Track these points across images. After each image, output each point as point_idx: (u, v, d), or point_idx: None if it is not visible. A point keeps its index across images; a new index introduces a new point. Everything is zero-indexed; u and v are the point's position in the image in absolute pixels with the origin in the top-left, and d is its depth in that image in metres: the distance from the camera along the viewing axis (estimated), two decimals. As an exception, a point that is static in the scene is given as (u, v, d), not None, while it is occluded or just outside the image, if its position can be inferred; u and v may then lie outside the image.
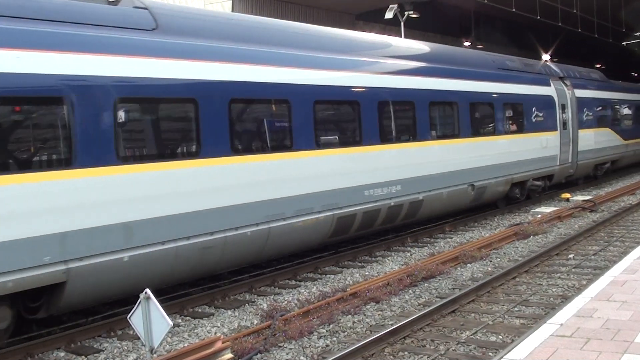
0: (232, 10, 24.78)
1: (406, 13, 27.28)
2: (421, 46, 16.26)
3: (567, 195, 20.46)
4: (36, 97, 7.66)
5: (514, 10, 29.00)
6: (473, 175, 15.65)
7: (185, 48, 9.40)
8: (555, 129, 20.18)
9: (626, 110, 28.33)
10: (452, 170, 14.82)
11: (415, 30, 31.33)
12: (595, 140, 23.53)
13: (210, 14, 12.50)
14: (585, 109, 22.77)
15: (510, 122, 17.81)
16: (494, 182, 16.60)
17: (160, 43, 9.10)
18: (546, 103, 19.78)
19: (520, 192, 18.41)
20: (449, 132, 15.18)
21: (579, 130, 21.95)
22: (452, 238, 14.67)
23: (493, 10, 34.23)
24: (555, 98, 20.42)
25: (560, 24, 33.39)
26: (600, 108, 24.59)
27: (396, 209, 13.18)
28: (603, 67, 56.70)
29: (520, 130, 18.13)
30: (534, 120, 18.80)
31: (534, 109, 18.81)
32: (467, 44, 36.60)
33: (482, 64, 17.65)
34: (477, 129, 16.12)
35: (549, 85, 20.39)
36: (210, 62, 9.59)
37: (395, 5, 27.10)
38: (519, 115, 18.22)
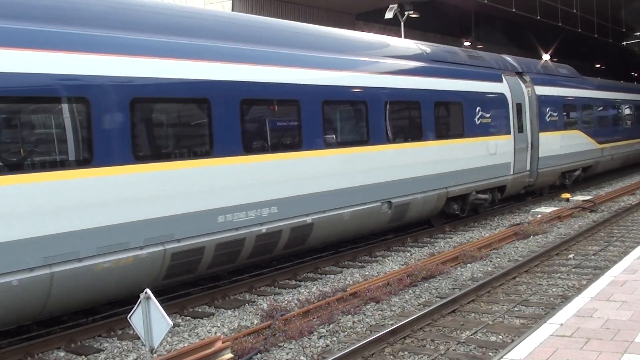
0: (232, 10, 24.77)
1: (406, 13, 27.27)
2: (315, 30, 13.18)
3: (567, 195, 20.47)
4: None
5: (514, 10, 29.00)
6: (390, 190, 12.85)
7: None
8: (508, 133, 17.31)
9: (602, 111, 25.37)
10: (358, 185, 12.05)
11: (415, 30, 31.34)
12: (561, 144, 20.60)
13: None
14: (548, 109, 19.81)
15: (445, 125, 14.97)
16: (420, 197, 13.71)
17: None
18: (496, 102, 16.89)
19: (461, 208, 15.70)
20: (354, 138, 12.33)
21: (541, 134, 19.08)
22: (452, 238, 14.67)
23: (493, 10, 34.23)
24: (509, 96, 17.52)
25: (560, 24, 33.39)
26: (568, 108, 21.79)
27: (271, 238, 10.36)
28: (603, 67, 56.78)
29: (458, 134, 15.23)
30: (478, 122, 15.88)
31: (478, 109, 15.91)
32: (467, 43, 36.60)
33: (407, 54, 14.64)
34: (396, 134, 13.29)
35: (500, 81, 17.41)
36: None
37: (395, 5, 27.09)
38: (458, 117, 15.32)
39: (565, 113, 21.31)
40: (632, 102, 29.55)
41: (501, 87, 17.34)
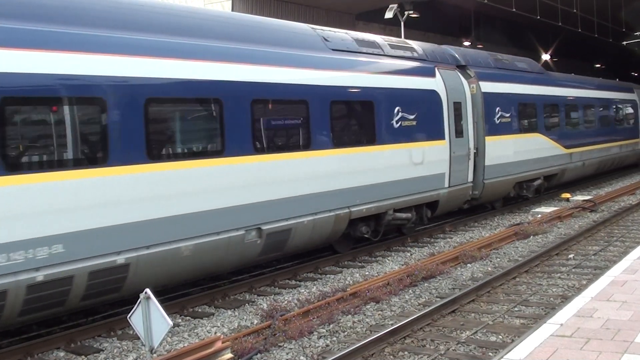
0: (232, 10, 24.77)
1: (406, 13, 27.26)
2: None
3: (567, 195, 20.47)
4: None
5: (514, 10, 29.00)
6: (259, 213, 9.99)
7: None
8: (442, 137, 14.39)
9: (571, 111, 22.25)
10: (206, 210, 9.21)
11: (415, 30, 31.35)
12: (515, 150, 17.75)
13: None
14: (498, 109, 16.95)
15: (347, 129, 12.21)
16: (308, 221, 10.85)
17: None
18: (425, 101, 13.96)
19: (373, 230, 12.95)
20: (198, 148, 9.50)
21: (487, 138, 16.36)
22: (452, 238, 14.67)
23: (493, 10, 34.23)
24: (443, 94, 14.58)
25: (560, 24, 33.40)
26: (526, 107, 18.80)
27: (53, 287, 7.59)
28: (603, 67, 56.82)
29: (368, 140, 12.31)
30: (397, 125, 12.93)
31: (397, 109, 12.92)
32: (467, 43, 36.62)
33: (297, 42, 11.58)
34: (270, 142, 10.38)
35: (431, 75, 14.43)
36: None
37: (395, 5, 27.09)
38: (367, 119, 12.43)
39: (521, 113, 18.40)
40: (609, 101, 26.46)
41: (432, 83, 14.37)
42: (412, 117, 13.39)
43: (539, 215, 16.97)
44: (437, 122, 14.35)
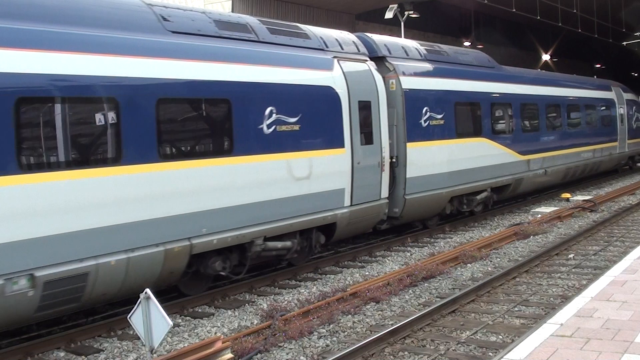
0: (232, 10, 24.79)
1: (406, 13, 27.31)
2: None
3: (567, 195, 20.46)
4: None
5: (514, 10, 29.03)
6: (30, 254, 7.31)
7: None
8: (341, 145, 11.62)
9: (528, 112, 18.93)
10: None
11: (415, 30, 31.38)
12: (450, 158, 14.79)
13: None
14: (426, 110, 14.03)
15: (185, 136, 9.48)
16: (116, 261, 8.11)
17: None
18: (313, 99, 11.19)
19: (237, 265, 10.28)
20: None
21: (410, 145, 13.46)
22: (452, 238, 14.67)
23: (493, 10, 34.28)
24: (342, 91, 11.72)
25: (560, 24, 33.44)
26: (467, 107, 15.80)
27: None
28: (603, 67, 56.86)
29: (218, 150, 9.62)
30: (268, 130, 10.19)
31: (270, 110, 10.23)
32: (467, 43, 36.66)
33: (125, 22, 8.86)
34: (53, 155, 7.65)
35: (327, 68, 11.68)
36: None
37: (395, 5, 27.13)
38: (219, 123, 9.75)
39: (460, 114, 15.36)
40: (580, 100, 23.15)
41: (328, 78, 11.56)
42: (293, 120, 10.68)
43: (539, 215, 16.98)
44: (333, 126, 11.54)
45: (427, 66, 14.87)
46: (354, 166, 11.89)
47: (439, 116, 14.46)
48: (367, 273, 11.49)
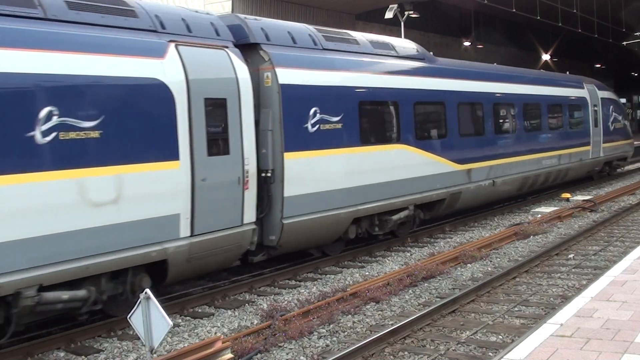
0: (232, 11, 24.80)
1: (406, 13, 27.32)
2: None
3: (567, 195, 20.45)
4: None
5: (514, 10, 29.05)
6: None
7: None
8: (171, 156, 8.90)
9: (468, 113, 15.99)
10: None
11: (415, 30, 31.39)
12: (351, 170, 12.01)
13: None
14: (316, 111, 11.27)
15: None
16: None
17: None
18: (126, 96, 8.45)
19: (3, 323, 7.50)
20: None
21: (289, 155, 10.78)
22: (452, 238, 14.67)
23: (493, 10, 34.28)
24: (177, 85, 9.00)
25: (560, 24, 33.46)
26: (375, 108, 12.94)
27: None
28: (603, 67, 56.86)
29: None
30: (42, 140, 7.39)
31: (47, 112, 7.46)
32: (467, 43, 36.65)
33: None
34: None
35: (155, 55, 8.92)
36: None
37: (395, 5, 27.14)
38: None
39: (367, 117, 12.56)
40: (543, 98, 20.03)
41: (152, 68, 8.83)
42: (89, 124, 7.90)
43: (539, 215, 16.98)
44: (158, 130, 8.80)
45: (323, 57, 11.95)
46: (196, 184, 9.17)
47: (335, 119, 11.71)
48: (367, 273, 11.50)
